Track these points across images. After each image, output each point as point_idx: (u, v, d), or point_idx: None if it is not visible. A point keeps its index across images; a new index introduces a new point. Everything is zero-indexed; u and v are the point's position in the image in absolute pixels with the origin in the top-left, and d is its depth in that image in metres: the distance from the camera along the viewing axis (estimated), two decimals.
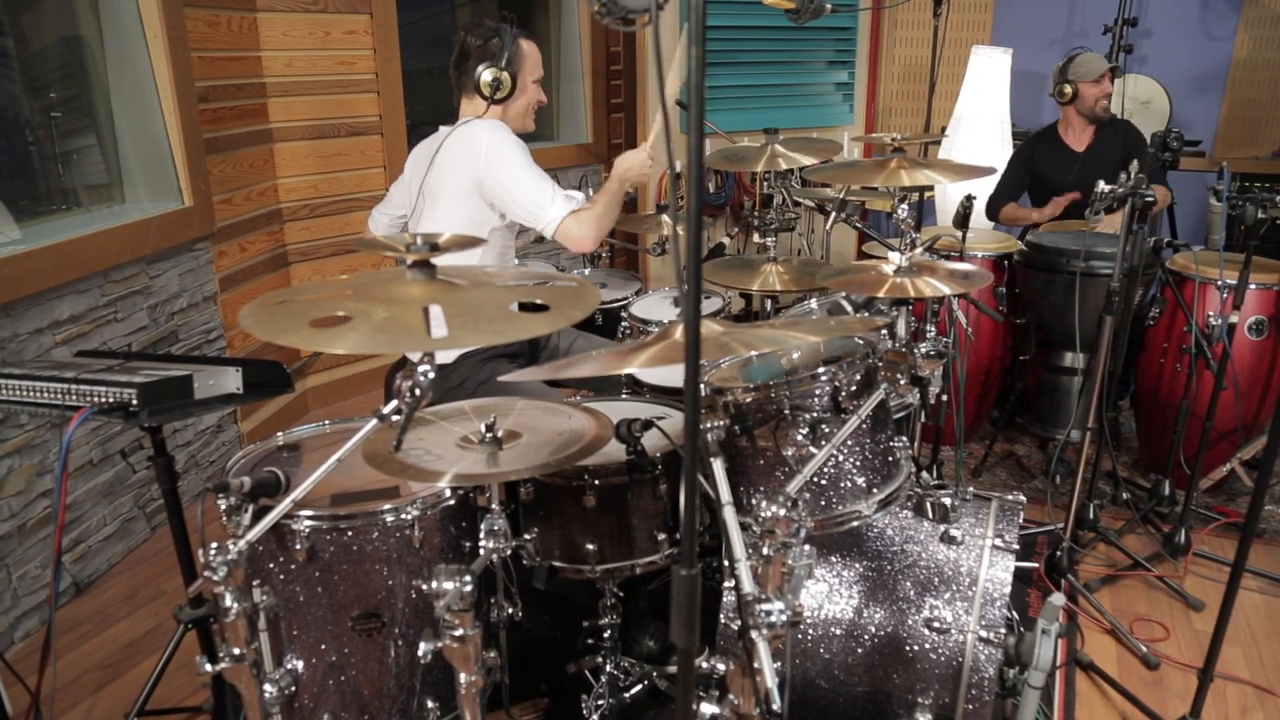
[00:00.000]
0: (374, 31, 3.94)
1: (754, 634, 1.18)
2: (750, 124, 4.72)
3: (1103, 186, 2.31)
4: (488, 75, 2.36)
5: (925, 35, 5.46)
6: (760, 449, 1.65)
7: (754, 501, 1.29)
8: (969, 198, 2.73)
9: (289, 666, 1.57)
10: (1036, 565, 2.66)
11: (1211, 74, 4.94)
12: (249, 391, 1.80)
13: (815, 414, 1.62)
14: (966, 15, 5.42)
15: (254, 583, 1.52)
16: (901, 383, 1.73)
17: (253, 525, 1.41)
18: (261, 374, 1.83)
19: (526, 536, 1.83)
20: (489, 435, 1.53)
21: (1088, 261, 2.97)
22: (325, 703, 1.60)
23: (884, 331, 1.88)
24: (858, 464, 1.66)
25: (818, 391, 1.63)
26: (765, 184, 4.17)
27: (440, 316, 1.18)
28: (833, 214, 2.70)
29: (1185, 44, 4.95)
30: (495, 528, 1.52)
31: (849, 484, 1.66)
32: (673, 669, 2.06)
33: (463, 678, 1.38)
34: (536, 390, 2.36)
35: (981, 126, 4.84)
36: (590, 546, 1.81)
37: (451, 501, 1.63)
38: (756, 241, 2.73)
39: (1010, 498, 1.89)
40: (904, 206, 2.16)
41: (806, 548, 1.26)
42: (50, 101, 3.01)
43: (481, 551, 1.51)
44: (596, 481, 1.78)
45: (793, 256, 4.71)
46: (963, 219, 2.72)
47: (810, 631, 1.72)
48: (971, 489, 1.92)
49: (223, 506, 1.47)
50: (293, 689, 1.57)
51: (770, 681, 1.15)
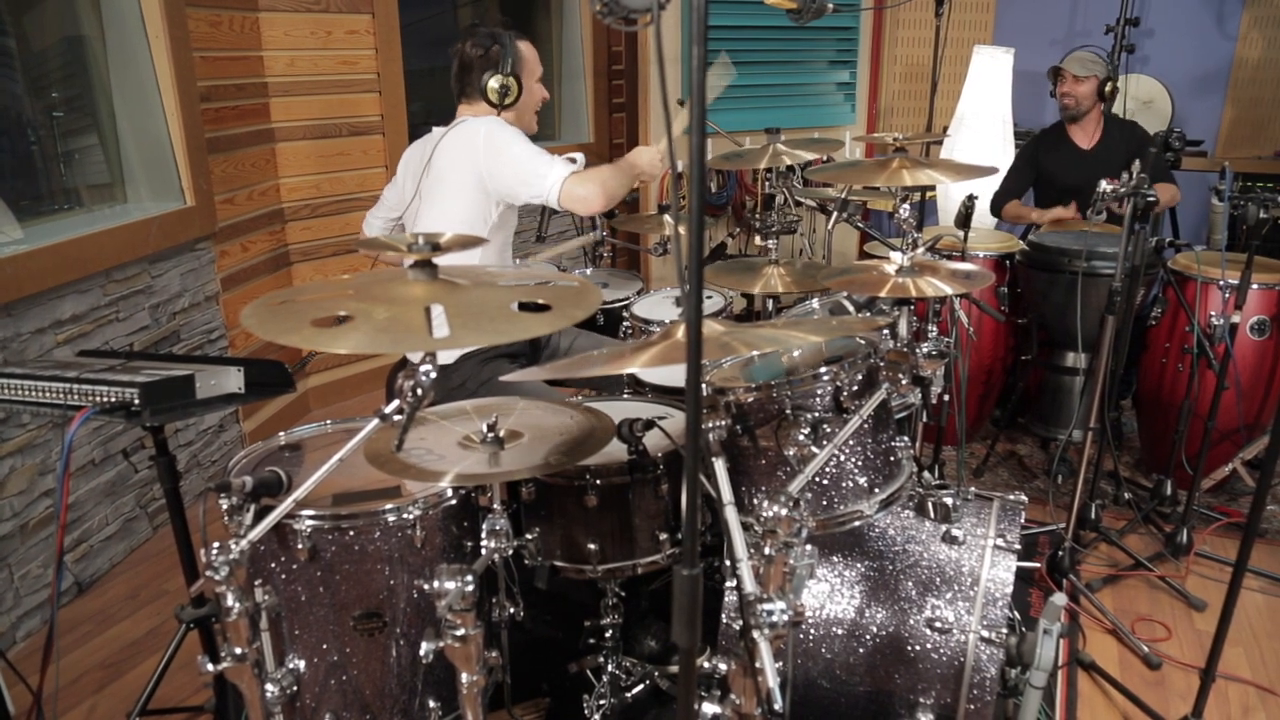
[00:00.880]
0: (376, 31, 3.94)
1: (756, 634, 1.18)
2: (752, 124, 4.72)
3: (1104, 186, 2.31)
4: (495, 83, 2.39)
5: (927, 35, 5.46)
6: (762, 449, 1.65)
7: (756, 501, 1.29)
8: (971, 197, 2.73)
9: (291, 666, 1.57)
10: (1038, 565, 2.66)
11: (1213, 74, 4.94)
12: (250, 391, 1.80)
13: (817, 414, 1.62)
14: (968, 15, 5.42)
15: (256, 582, 1.52)
16: (903, 382, 1.73)
17: (254, 525, 1.41)
18: (263, 374, 1.84)
19: (528, 536, 1.83)
20: (490, 435, 1.54)
21: (1089, 261, 2.97)
22: (327, 702, 1.60)
23: (885, 331, 1.88)
24: (859, 464, 1.66)
25: (819, 391, 1.63)
26: (767, 184, 4.17)
27: (442, 316, 1.18)
28: (834, 214, 2.70)
29: (1187, 44, 4.95)
30: (497, 527, 1.52)
31: (851, 484, 1.66)
32: (674, 669, 2.06)
33: (464, 677, 1.38)
34: (538, 390, 2.36)
35: (983, 126, 4.84)
36: (592, 546, 1.81)
37: (453, 501, 1.63)
38: (758, 244, 2.73)
39: (1012, 498, 1.89)
40: (905, 206, 2.16)
41: (808, 547, 1.26)
42: (52, 101, 3.01)
43: (483, 551, 1.51)
44: (598, 481, 1.78)
45: (795, 258, 4.71)
46: (964, 219, 2.72)
47: (812, 631, 1.72)
48: (973, 489, 1.92)
49: (224, 506, 1.47)
50: (294, 689, 1.57)
51: (772, 681, 1.15)
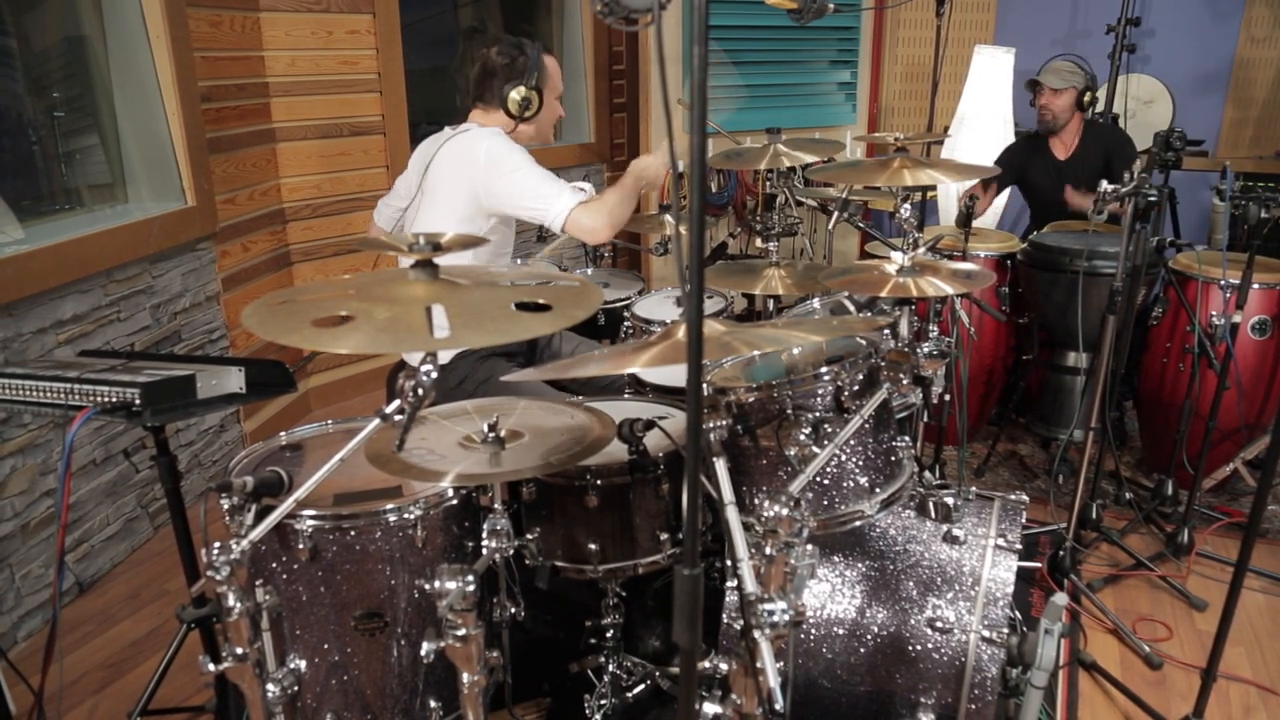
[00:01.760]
0: (377, 31, 3.94)
1: (756, 633, 1.18)
2: (752, 124, 4.72)
3: (1106, 186, 2.31)
4: (517, 95, 2.37)
5: (928, 35, 5.45)
6: (763, 449, 1.65)
7: (756, 501, 1.29)
8: (972, 197, 2.73)
9: (292, 666, 1.57)
10: (1039, 565, 2.66)
11: (1215, 74, 4.93)
12: (251, 391, 1.81)
13: (818, 414, 1.62)
14: (969, 15, 5.41)
15: (257, 582, 1.52)
16: (904, 382, 1.73)
17: (255, 525, 1.41)
18: (264, 374, 1.84)
19: (529, 536, 1.83)
20: (491, 435, 1.54)
21: (1090, 261, 2.97)
22: (328, 702, 1.60)
23: (886, 331, 1.88)
24: (860, 464, 1.66)
25: (820, 391, 1.63)
26: (768, 183, 4.16)
27: (443, 316, 1.18)
28: (835, 214, 2.70)
29: (1188, 43, 4.94)
30: (498, 527, 1.52)
31: (851, 484, 1.66)
32: (675, 669, 2.06)
33: (465, 677, 1.38)
34: (539, 390, 2.36)
35: (984, 126, 4.84)
36: (592, 546, 1.81)
37: (454, 501, 1.63)
38: (759, 246, 2.73)
39: (1013, 497, 1.89)
40: (906, 206, 2.16)
41: (809, 547, 1.26)
42: (53, 101, 3.01)
43: (484, 551, 1.51)
44: (599, 481, 1.78)
45: (796, 260, 4.71)
46: (965, 218, 2.72)
47: (813, 631, 1.72)
48: (974, 489, 1.92)
49: (225, 506, 1.47)
50: (295, 689, 1.57)
51: (773, 681, 1.15)
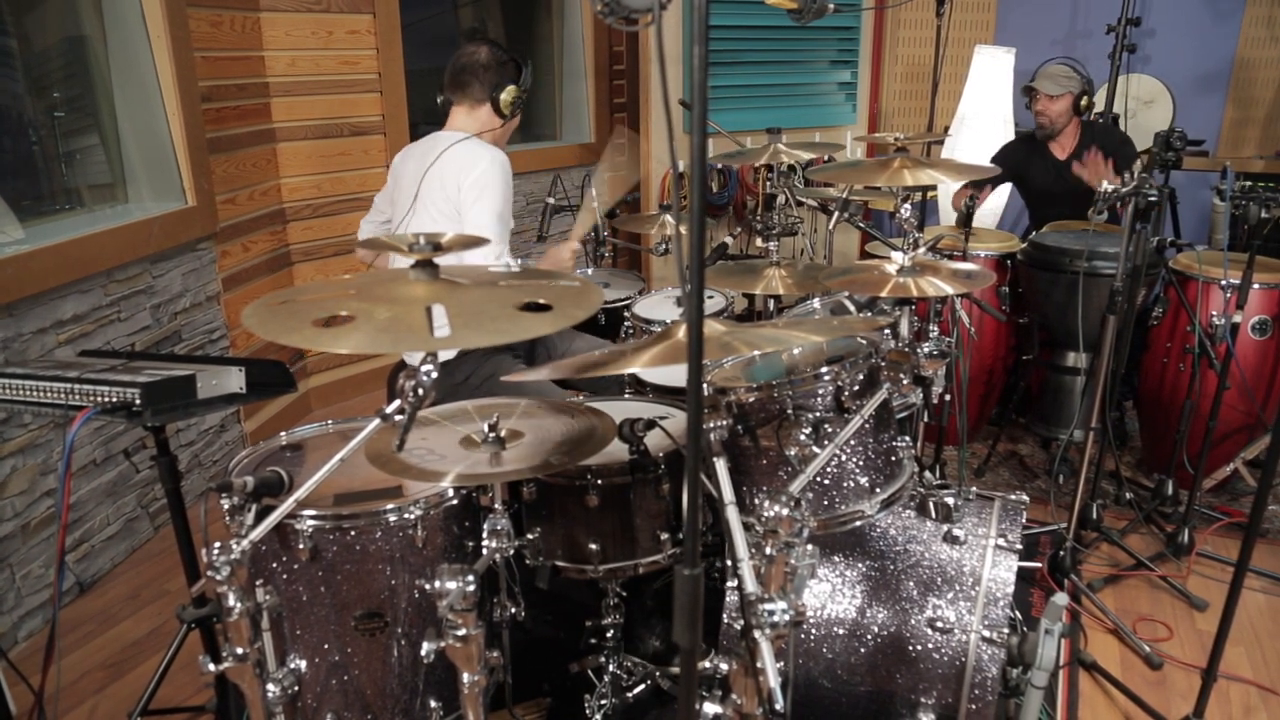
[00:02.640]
0: (377, 31, 3.94)
1: (757, 633, 1.18)
2: (753, 124, 4.72)
3: (1107, 186, 2.30)
4: (508, 95, 2.46)
5: (928, 35, 5.45)
6: (763, 448, 1.65)
7: (757, 501, 1.29)
8: (972, 197, 2.73)
9: (292, 666, 1.57)
10: (1039, 565, 2.66)
11: (1215, 73, 4.93)
12: (252, 391, 1.81)
13: (818, 414, 1.62)
14: (969, 15, 5.41)
15: (257, 582, 1.52)
16: (904, 382, 1.72)
17: (256, 525, 1.41)
18: (264, 374, 1.84)
19: (529, 536, 1.83)
20: (492, 435, 1.54)
21: (1090, 261, 2.97)
22: (328, 702, 1.60)
23: (887, 331, 1.88)
24: (860, 464, 1.66)
25: (820, 391, 1.63)
26: (768, 183, 4.16)
27: (443, 316, 1.18)
28: (835, 214, 2.70)
29: (1189, 43, 4.94)
30: (498, 527, 1.52)
31: (852, 484, 1.66)
32: (675, 669, 2.06)
33: (465, 677, 1.38)
34: (540, 390, 2.36)
35: (985, 126, 4.84)
36: (593, 546, 1.81)
37: (454, 501, 1.63)
38: (760, 246, 2.73)
39: (1013, 497, 1.89)
40: (906, 206, 2.16)
41: (809, 547, 1.26)
42: (53, 101, 3.01)
43: (484, 551, 1.51)
44: (599, 481, 1.78)
45: (796, 260, 4.71)
46: (965, 218, 2.72)
47: (813, 631, 1.72)
48: (974, 489, 1.92)
49: (226, 506, 1.47)
50: (296, 689, 1.57)
51: (773, 681, 1.15)
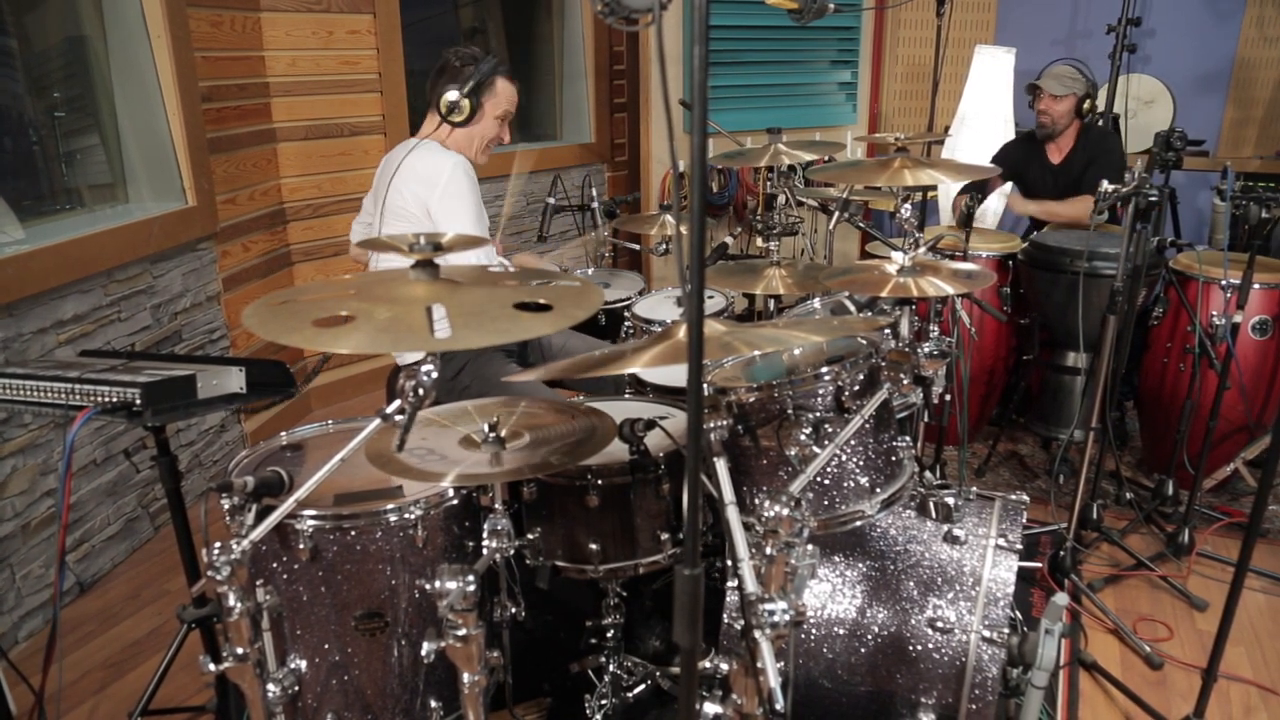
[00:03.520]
0: (377, 31, 3.94)
1: (757, 633, 1.18)
2: (753, 124, 4.72)
3: (1107, 186, 2.30)
4: (451, 95, 2.44)
5: (928, 35, 5.45)
6: (763, 449, 1.65)
7: (757, 501, 1.29)
8: (972, 197, 2.73)
9: (292, 666, 1.57)
10: (1040, 565, 2.66)
11: (1215, 73, 4.93)
12: (252, 391, 1.81)
13: (818, 414, 1.62)
14: (970, 15, 5.41)
15: (257, 582, 1.52)
16: (905, 382, 1.72)
17: (256, 525, 1.41)
18: (265, 374, 1.84)
19: (529, 536, 1.83)
20: (492, 435, 1.54)
21: (1091, 261, 2.97)
22: (328, 702, 1.60)
23: (887, 331, 1.88)
24: (861, 464, 1.66)
25: (821, 391, 1.63)
26: (769, 183, 4.16)
27: (443, 316, 1.18)
28: (836, 214, 2.70)
29: (1189, 43, 4.94)
30: (498, 527, 1.52)
31: (852, 484, 1.66)
32: (675, 669, 2.06)
33: (466, 677, 1.38)
34: (536, 390, 2.36)
35: (985, 126, 4.84)
36: (593, 546, 1.81)
37: (454, 501, 1.63)
38: (760, 246, 2.73)
39: (1013, 497, 1.89)
40: (907, 206, 2.16)
41: (809, 547, 1.26)
42: (54, 101, 3.02)
43: (484, 551, 1.51)
44: (599, 481, 1.78)
45: (797, 259, 4.70)
46: (966, 218, 2.72)
47: (813, 631, 1.72)
48: (974, 489, 1.92)
49: (226, 506, 1.48)
50: (296, 689, 1.57)
51: (773, 681, 1.15)
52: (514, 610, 1.75)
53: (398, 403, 1.32)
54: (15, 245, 2.55)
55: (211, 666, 1.41)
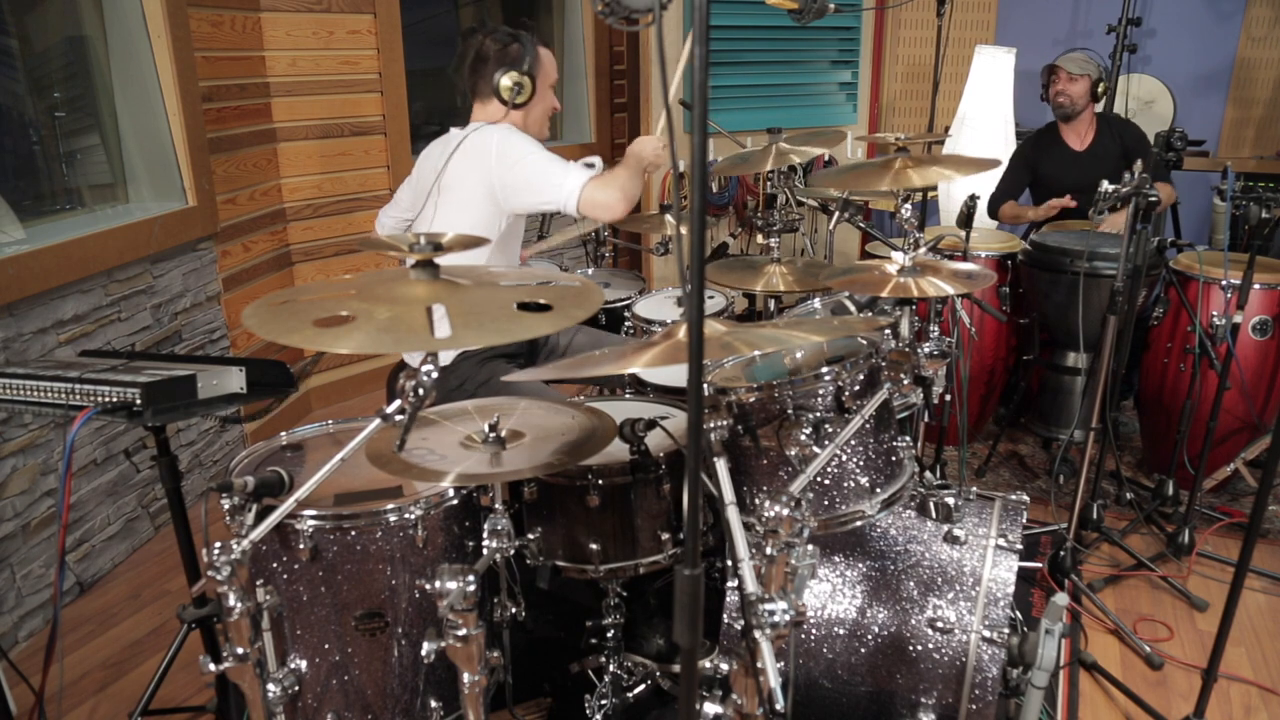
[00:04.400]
0: (378, 31, 3.94)
1: (757, 634, 1.18)
2: (753, 124, 4.72)
3: (1107, 186, 2.30)
4: (508, 80, 2.34)
5: (929, 35, 5.46)
6: (764, 449, 1.65)
7: (757, 501, 1.29)
8: (973, 197, 2.73)
9: (292, 666, 1.57)
10: (1040, 565, 2.66)
11: (1216, 74, 4.93)
12: (252, 391, 1.81)
13: (819, 414, 1.62)
14: (970, 15, 5.41)
15: (257, 582, 1.52)
16: (905, 382, 1.72)
17: (256, 525, 1.41)
18: (265, 374, 1.84)
19: (530, 536, 1.83)
20: (492, 435, 1.54)
21: (1091, 261, 2.97)
22: (329, 702, 1.60)
23: (887, 331, 1.88)
24: (861, 464, 1.66)
25: (821, 391, 1.63)
26: (769, 183, 4.16)
27: (444, 316, 1.18)
28: (836, 214, 2.70)
29: (1189, 43, 4.94)
30: (498, 527, 1.52)
31: (852, 484, 1.66)
32: (676, 668, 2.06)
33: (466, 677, 1.38)
34: (539, 390, 2.36)
35: (985, 126, 4.84)
36: (594, 546, 1.81)
37: (455, 501, 1.63)
38: (760, 243, 2.73)
39: (1014, 498, 1.89)
40: (907, 206, 2.16)
41: (810, 547, 1.26)
42: (54, 101, 3.02)
43: (485, 551, 1.51)
44: (600, 481, 1.78)
45: (796, 257, 4.71)
46: (966, 219, 2.72)
47: (813, 631, 1.72)
48: (975, 489, 1.92)
49: (226, 506, 1.47)
50: (296, 688, 1.57)
51: (774, 681, 1.15)
52: (514, 610, 1.75)
53: (398, 403, 1.32)
54: (16, 245, 2.56)
55: (212, 666, 1.41)
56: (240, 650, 1.40)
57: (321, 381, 4.14)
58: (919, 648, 1.66)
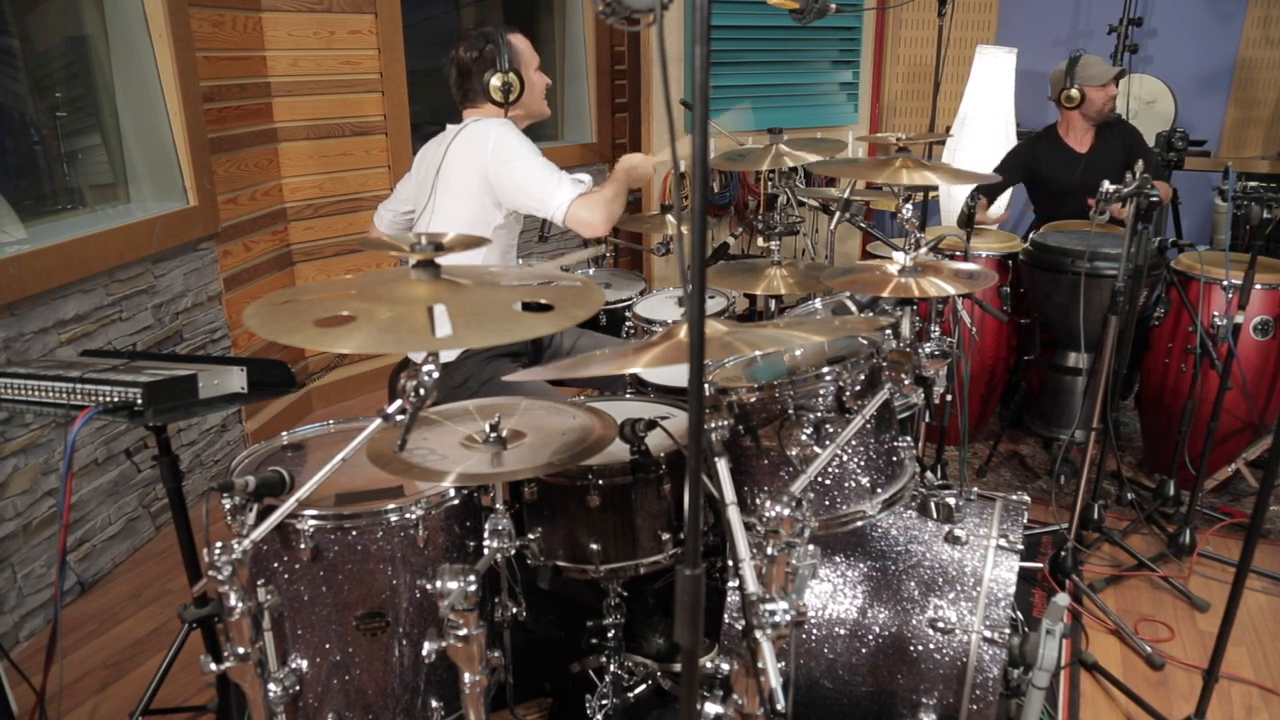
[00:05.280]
0: (379, 31, 3.94)
1: (758, 634, 1.18)
2: (754, 124, 4.72)
3: (1108, 186, 2.30)
4: (497, 81, 2.40)
5: (930, 35, 5.46)
6: (764, 449, 1.65)
7: (758, 501, 1.29)
8: (974, 196, 2.73)
9: (293, 666, 1.57)
10: (1041, 565, 2.66)
11: (1217, 74, 4.93)
12: (253, 391, 1.81)
13: (819, 414, 1.62)
14: (971, 15, 5.41)
15: (258, 582, 1.52)
16: (906, 382, 1.72)
17: (257, 524, 1.41)
18: (266, 373, 1.84)
19: (530, 536, 1.83)
20: (493, 435, 1.54)
21: (1092, 262, 2.97)
22: (329, 702, 1.60)
23: (888, 331, 1.88)
24: (862, 464, 1.66)
25: (822, 391, 1.63)
26: (769, 184, 4.16)
27: (445, 316, 1.18)
28: (837, 214, 2.70)
29: (1190, 44, 4.94)
30: (499, 527, 1.53)
31: (853, 484, 1.66)
32: (677, 668, 2.06)
33: (467, 677, 1.38)
34: (541, 390, 2.36)
35: (986, 126, 4.84)
36: (594, 546, 1.81)
37: (456, 501, 1.64)
38: (761, 245, 2.73)
39: (1014, 498, 1.89)
40: (908, 206, 2.16)
41: (811, 547, 1.26)
42: (55, 101, 3.02)
43: (485, 551, 1.51)
44: (601, 481, 1.78)
45: (798, 259, 4.71)
46: (967, 219, 2.72)
47: (814, 631, 1.72)
48: (976, 489, 1.92)
49: (227, 506, 1.48)
50: (297, 688, 1.57)
51: (774, 681, 1.15)
52: (515, 610, 1.75)
53: (399, 402, 1.32)
54: (17, 245, 2.56)
55: (213, 666, 1.41)
56: (241, 650, 1.40)
57: (322, 381, 4.14)
58: (920, 648, 1.66)
